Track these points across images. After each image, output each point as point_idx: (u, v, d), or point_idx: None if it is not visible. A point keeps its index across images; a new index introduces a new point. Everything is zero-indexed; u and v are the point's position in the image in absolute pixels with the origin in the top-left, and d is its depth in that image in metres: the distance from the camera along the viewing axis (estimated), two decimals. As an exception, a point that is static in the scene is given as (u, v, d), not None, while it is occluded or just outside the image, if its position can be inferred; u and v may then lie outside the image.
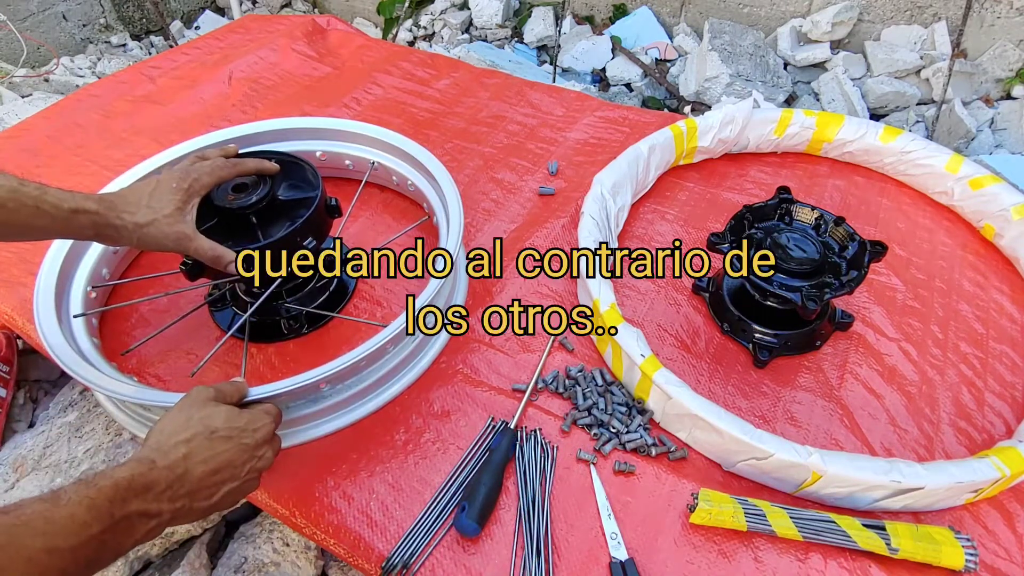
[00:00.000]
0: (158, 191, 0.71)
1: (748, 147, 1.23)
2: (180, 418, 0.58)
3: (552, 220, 1.08)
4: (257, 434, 0.61)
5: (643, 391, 0.80)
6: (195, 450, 0.56)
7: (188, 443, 0.56)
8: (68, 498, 0.46)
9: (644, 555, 0.69)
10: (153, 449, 0.55)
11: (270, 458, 0.63)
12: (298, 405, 0.75)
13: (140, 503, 0.50)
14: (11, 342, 0.99)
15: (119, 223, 0.68)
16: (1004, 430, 0.83)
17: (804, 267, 0.82)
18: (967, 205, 1.10)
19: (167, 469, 0.53)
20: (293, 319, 0.90)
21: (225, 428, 0.58)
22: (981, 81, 2.08)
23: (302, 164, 0.86)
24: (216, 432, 0.58)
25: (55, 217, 0.64)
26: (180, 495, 0.53)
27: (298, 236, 0.79)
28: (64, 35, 2.54)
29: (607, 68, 2.41)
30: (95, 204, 0.66)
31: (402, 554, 0.68)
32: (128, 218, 0.68)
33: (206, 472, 0.56)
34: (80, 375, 0.72)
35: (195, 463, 0.55)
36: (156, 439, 0.56)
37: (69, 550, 0.44)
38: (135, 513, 0.50)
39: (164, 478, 0.52)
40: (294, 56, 1.52)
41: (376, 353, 0.74)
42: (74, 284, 0.87)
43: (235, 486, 0.58)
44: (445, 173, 0.97)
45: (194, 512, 0.55)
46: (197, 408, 0.59)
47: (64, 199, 0.64)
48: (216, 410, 0.60)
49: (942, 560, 0.66)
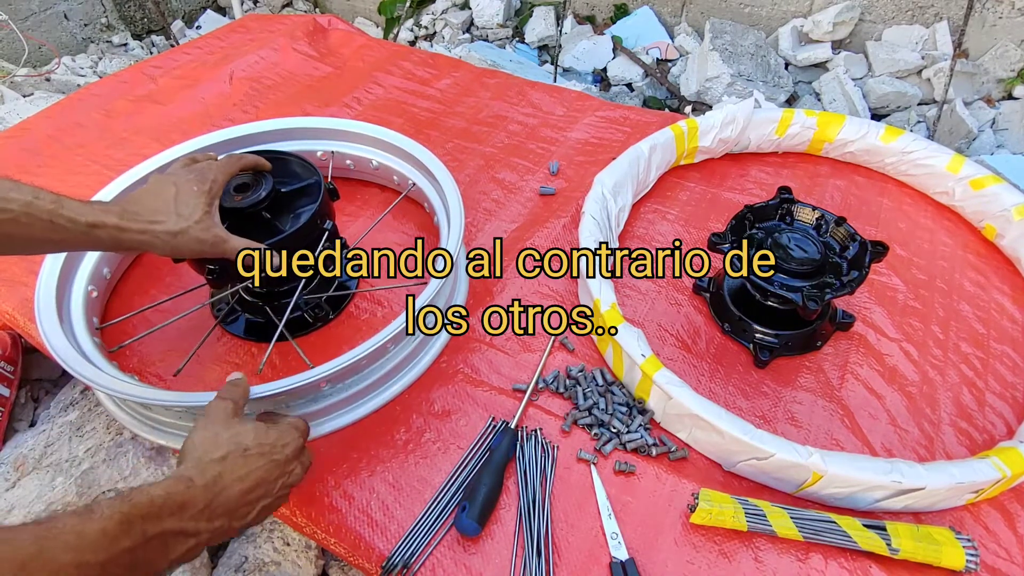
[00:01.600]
0: (183, 196, 0.68)
1: (749, 147, 1.23)
2: (208, 435, 0.58)
3: (553, 220, 1.08)
4: (287, 449, 0.61)
5: (644, 391, 0.80)
6: (229, 468, 0.56)
7: (222, 462, 0.56)
8: (101, 512, 0.45)
9: (644, 555, 0.69)
10: (191, 467, 0.55)
11: (300, 473, 0.63)
12: (299, 404, 0.75)
13: (175, 521, 0.50)
14: (16, 342, 0.99)
15: (148, 235, 0.65)
16: (1005, 430, 0.83)
17: (805, 267, 0.82)
18: (968, 205, 1.10)
19: (204, 488, 0.53)
20: (316, 308, 0.91)
21: (256, 446, 0.58)
22: (983, 81, 2.07)
23: (287, 157, 0.87)
24: (248, 450, 0.57)
25: (71, 231, 0.61)
26: (218, 514, 0.53)
27: (318, 219, 0.81)
28: (65, 34, 2.54)
29: (608, 68, 2.41)
30: (116, 217, 0.63)
31: (402, 553, 0.68)
32: (158, 228, 0.65)
33: (242, 490, 0.56)
34: (81, 374, 0.71)
35: (231, 481, 0.55)
36: (193, 456, 0.56)
37: (98, 564, 0.44)
38: (170, 532, 0.49)
39: (202, 497, 0.52)
40: (295, 56, 1.52)
41: (377, 352, 0.74)
42: (75, 284, 0.87)
43: (268, 502, 0.59)
44: (446, 172, 0.97)
45: (232, 531, 0.55)
46: (223, 426, 0.59)
47: (81, 212, 0.61)
48: (243, 427, 0.59)
49: (943, 560, 0.66)
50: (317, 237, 0.82)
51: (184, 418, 0.73)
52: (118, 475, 0.84)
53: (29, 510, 0.79)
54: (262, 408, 0.71)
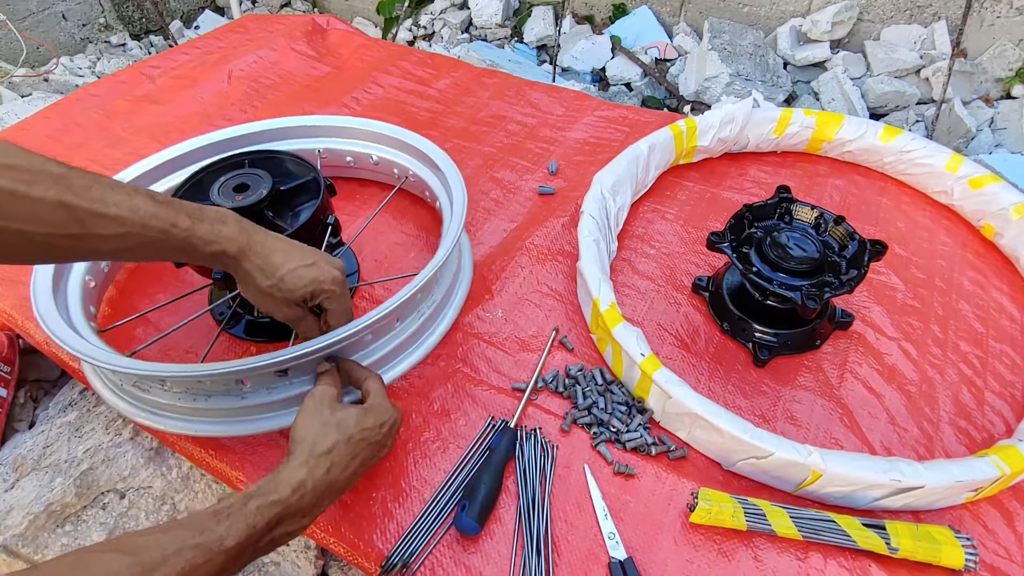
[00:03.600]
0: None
1: (748, 146, 1.23)
2: (317, 424, 0.60)
3: (552, 219, 1.08)
4: (384, 428, 0.64)
5: (643, 390, 0.80)
6: (337, 461, 0.59)
7: (331, 454, 0.58)
8: (222, 542, 0.49)
9: (644, 554, 0.69)
10: (302, 462, 0.57)
11: (392, 442, 0.67)
12: (301, 382, 0.73)
13: (287, 527, 0.54)
14: (13, 343, 0.99)
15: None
16: (1004, 429, 0.83)
17: (804, 266, 0.82)
18: (967, 204, 1.10)
19: (314, 490, 0.56)
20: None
21: (359, 431, 0.61)
22: (981, 80, 2.08)
23: (282, 156, 0.87)
24: (352, 437, 0.60)
25: (195, 256, 0.60)
26: (324, 503, 0.58)
27: (321, 214, 0.82)
28: (63, 35, 2.54)
29: (607, 68, 2.41)
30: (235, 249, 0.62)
31: (402, 553, 0.68)
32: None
33: (347, 476, 0.60)
34: (74, 348, 0.70)
35: (339, 472, 0.59)
36: (304, 448, 0.58)
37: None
38: (280, 536, 0.54)
39: (312, 498, 0.56)
40: (294, 55, 1.52)
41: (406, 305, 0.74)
42: (72, 275, 0.86)
43: (364, 471, 0.64)
44: (443, 155, 0.98)
45: (330, 505, 0.60)
46: (330, 412, 0.62)
47: (206, 240, 0.59)
48: (346, 414, 0.62)
49: (942, 559, 0.66)
50: (321, 232, 0.83)
51: (184, 399, 0.72)
52: (117, 475, 0.83)
53: (28, 511, 0.79)
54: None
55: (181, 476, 0.85)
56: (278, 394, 0.72)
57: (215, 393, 0.72)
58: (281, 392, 0.72)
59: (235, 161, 0.86)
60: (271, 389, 0.72)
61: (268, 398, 0.71)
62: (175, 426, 0.74)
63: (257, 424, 0.73)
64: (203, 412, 0.72)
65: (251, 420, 0.73)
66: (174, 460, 0.86)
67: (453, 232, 0.84)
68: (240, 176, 0.82)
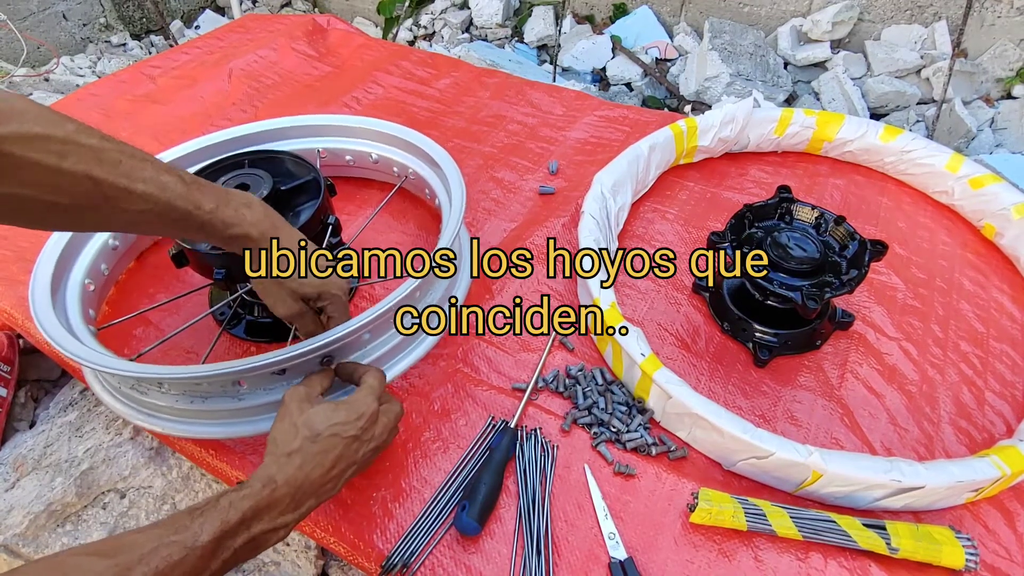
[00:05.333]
0: None
1: (748, 146, 1.23)
2: (285, 425, 0.60)
3: (552, 219, 1.08)
4: (360, 422, 0.61)
5: (643, 390, 0.80)
6: (307, 458, 0.57)
7: (299, 452, 0.57)
8: (196, 539, 0.48)
9: (644, 554, 0.69)
10: (273, 462, 0.57)
11: (382, 433, 0.64)
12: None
13: (265, 524, 0.53)
14: (12, 342, 0.99)
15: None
16: (1004, 429, 0.83)
17: (804, 266, 0.82)
18: (967, 204, 1.10)
19: (287, 484, 0.55)
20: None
21: (326, 428, 0.59)
22: (981, 80, 2.08)
23: (281, 156, 0.87)
24: (320, 435, 0.59)
25: (212, 236, 0.61)
26: (304, 500, 0.57)
27: (322, 214, 0.82)
28: (64, 34, 2.54)
29: (607, 67, 2.41)
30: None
31: (402, 553, 0.68)
32: None
33: (322, 473, 0.58)
34: (70, 351, 0.70)
35: (311, 468, 0.57)
36: (273, 450, 0.58)
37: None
38: (260, 534, 0.53)
39: (286, 493, 0.55)
40: (294, 55, 1.52)
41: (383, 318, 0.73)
42: (71, 278, 0.86)
43: (355, 469, 0.62)
44: (443, 153, 0.98)
45: (320, 505, 0.59)
46: (297, 412, 0.60)
47: (228, 223, 0.60)
48: (312, 411, 0.60)
49: (942, 559, 0.66)
50: (322, 232, 0.83)
51: (180, 401, 0.72)
52: (118, 475, 0.83)
53: (28, 510, 0.79)
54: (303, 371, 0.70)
55: (181, 476, 0.85)
56: (276, 395, 0.71)
57: (213, 395, 0.71)
58: (279, 392, 0.71)
59: (235, 161, 0.86)
60: (269, 390, 0.71)
61: (266, 399, 0.71)
62: (174, 428, 0.74)
63: (256, 425, 0.72)
64: (202, 414, 0.72)
65: (250, 421, 0.73)
66: (174, 460, 0.86)
67: (453, 224, 0.84)
68: (240, 176, 0.82)
